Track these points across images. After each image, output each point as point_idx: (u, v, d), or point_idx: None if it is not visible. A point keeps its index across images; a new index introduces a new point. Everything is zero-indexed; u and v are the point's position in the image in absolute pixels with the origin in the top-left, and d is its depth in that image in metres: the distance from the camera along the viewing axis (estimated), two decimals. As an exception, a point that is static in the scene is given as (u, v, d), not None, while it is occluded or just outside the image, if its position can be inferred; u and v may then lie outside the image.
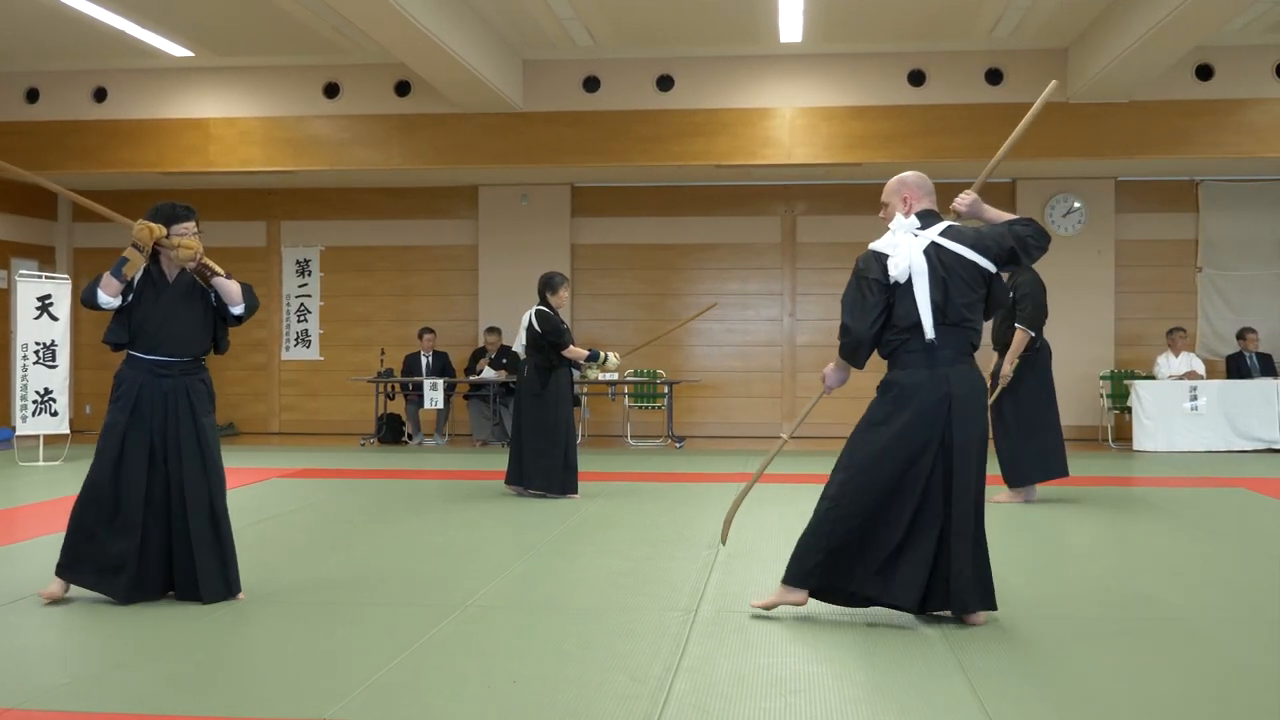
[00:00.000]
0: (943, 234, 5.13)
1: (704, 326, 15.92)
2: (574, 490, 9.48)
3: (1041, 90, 5.49)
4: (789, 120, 13.91)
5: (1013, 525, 8.02)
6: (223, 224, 16.53)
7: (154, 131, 14.68)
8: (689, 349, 16.02)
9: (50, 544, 7.25)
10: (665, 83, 14.08)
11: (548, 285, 9.63)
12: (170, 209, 5.65)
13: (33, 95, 14.89)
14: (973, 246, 5.11)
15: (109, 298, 5.52)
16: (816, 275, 15.91)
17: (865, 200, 15.79)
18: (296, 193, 16.44)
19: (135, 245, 5.51)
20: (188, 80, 14.63)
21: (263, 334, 16.37)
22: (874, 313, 5.11)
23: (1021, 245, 5.12)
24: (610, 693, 4.12)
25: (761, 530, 7.77)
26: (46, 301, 12.13)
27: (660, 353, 15.84)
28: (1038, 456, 8.93)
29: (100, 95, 14.80)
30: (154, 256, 5.65)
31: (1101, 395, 14.97)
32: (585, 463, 12.27)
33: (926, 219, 5.20)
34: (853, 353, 5.22)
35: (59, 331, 12.16)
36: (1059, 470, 8.98)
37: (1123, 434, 14.72)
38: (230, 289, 5.65)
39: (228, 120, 14.59)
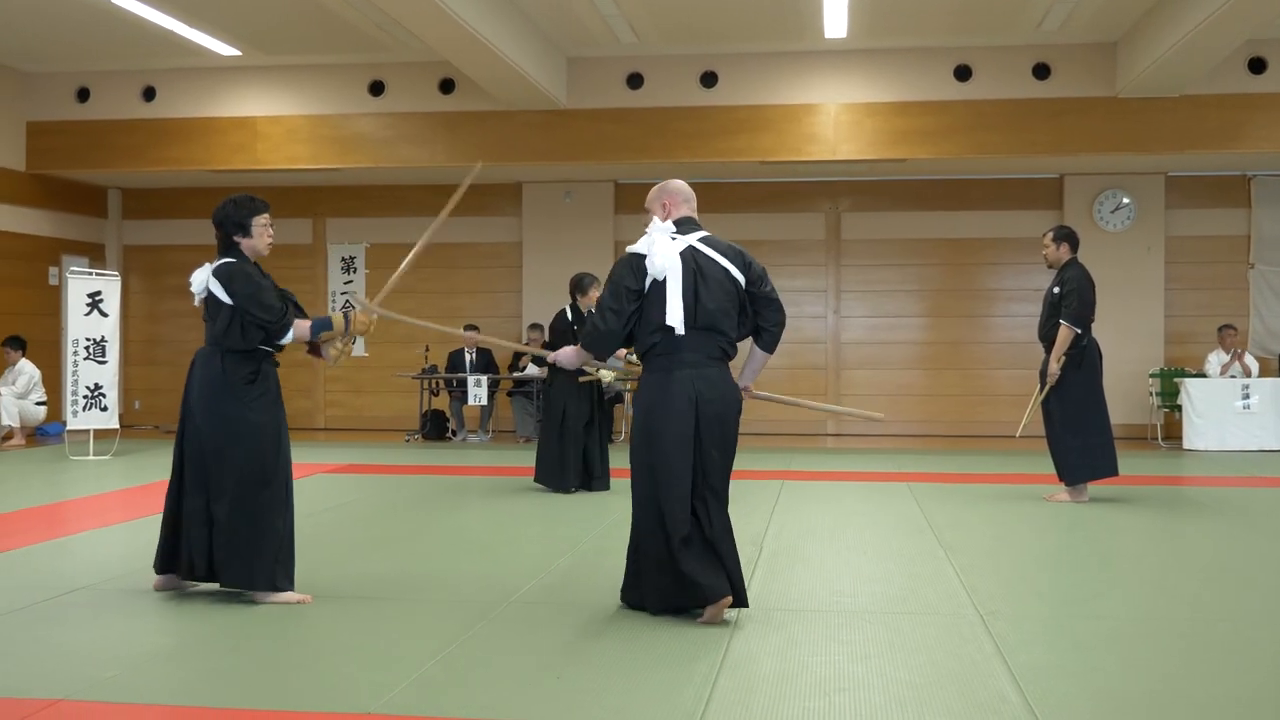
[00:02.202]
0: (700, 240, 5.27)
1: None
2: (576, 487, 9.52)
3: (1092, 84, 5.45)
4: (833, 116, 13.85)
5: (1061, 525, 7.96)
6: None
7: (202, 130, 14.80)
8: (733, 346, 15.95)
9: (100, 537, 7.33)
10: (709, 79, 14.06)
11: (577, 286, 9.66)
12: (251, 202, 5.70)
13: (83, 94, 15.06)
14: (725, 255, 5.26)
15: (290, 338, 5.56)
16: (861, 272, 15.84)
17: (910, 196, 15.73)
18: (342, 190, 16.53)
19: (350, 333, 5.72)
20: (235, 79, 14.74)
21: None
22: (624, 316, 5.18)
23: (761, 299, 5.35)
24: (654, 689, 4.11)
25: (804, 528, 7.74)
26: (96, 298, 12.25)
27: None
28: (1085, 455, 8.83)
29: (149, 94, 14.94)
30: (232, 248, 5.67)
31: (1151, 393, 14.81)
32: (626, 459, 12.27)
33: (685, 225, 5.32)
34: (599, 345, 5.30)
35: (109, 328, 12.28)
36: (1108, 469, 8.88)
37: (1172, 433, 14.57)
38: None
39: (274, 118, 14.69)
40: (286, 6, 12.31)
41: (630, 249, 5.25)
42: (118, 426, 12.82)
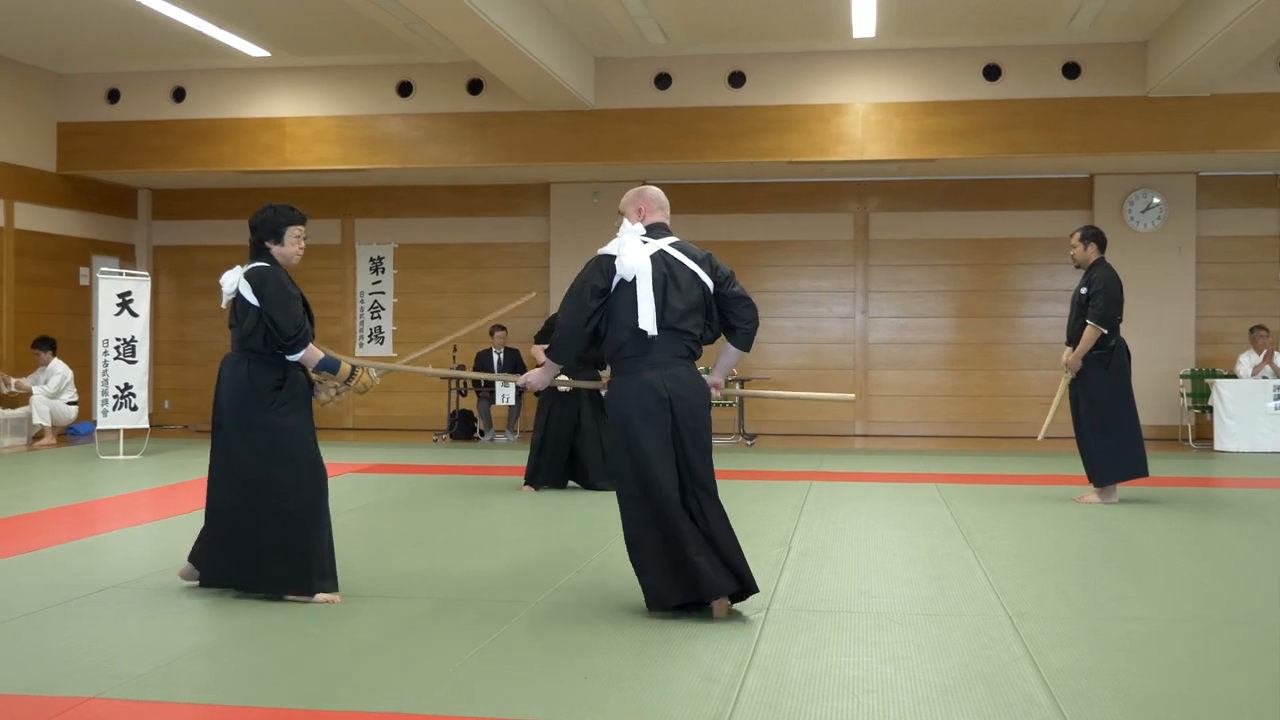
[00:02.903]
0: (671, 245, 5.38)
1: (776, 324, 15.84)
2: (545, 486, 9.70)
3: (1122, 83, 5.43)
4: (862, 116, 13.81)
5: (1090, 526, 7.91)
6: (298, 222, 16.72)
7: (231, 131, 14.87)
8: (760, 346, 15.95)
9: (129, 536, 7.38)
10: (737, 79, 14.04)
11: None
12: (291, 211, 5.71)
13: (114, 95, 15.16)
14: (694, 259, 5.36)
15: (299, 357, 5.57)
16: (890, 272, 15.79)
17: (940, 197, 15.67)
18: (370, 190, 16.59)
19: (349, 385, 5.77)
20: (264, 80, 14.81)
21: (337, 331, 16.51)
22: (587, 313, 5.25)
23: (731, 298, 5.43)
24: (682, 690, 4.10)
25: (832, 529, 7.72)
26: (127, 298, 12.32)
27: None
28: (1114, 456, 8.78)
29: (179, 95, 15.02)
30: (263, 252, 5.68)
31: (1182, 394, 14.71)
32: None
33: (657, 230, 5.44)
34: (563, 345, 5.36)
35: (139, 328, 12.35)
36: (1137, 471, 8.82)
37: (1203, 434, 14.46)
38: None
39: (303, 119, 14.75)
40: (315, 8, 12.36)
41: (600, 251, 5.32)
42: (147, 426, 12.89)
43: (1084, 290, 8.80)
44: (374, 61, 14.45)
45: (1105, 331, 8.68)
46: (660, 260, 5.29)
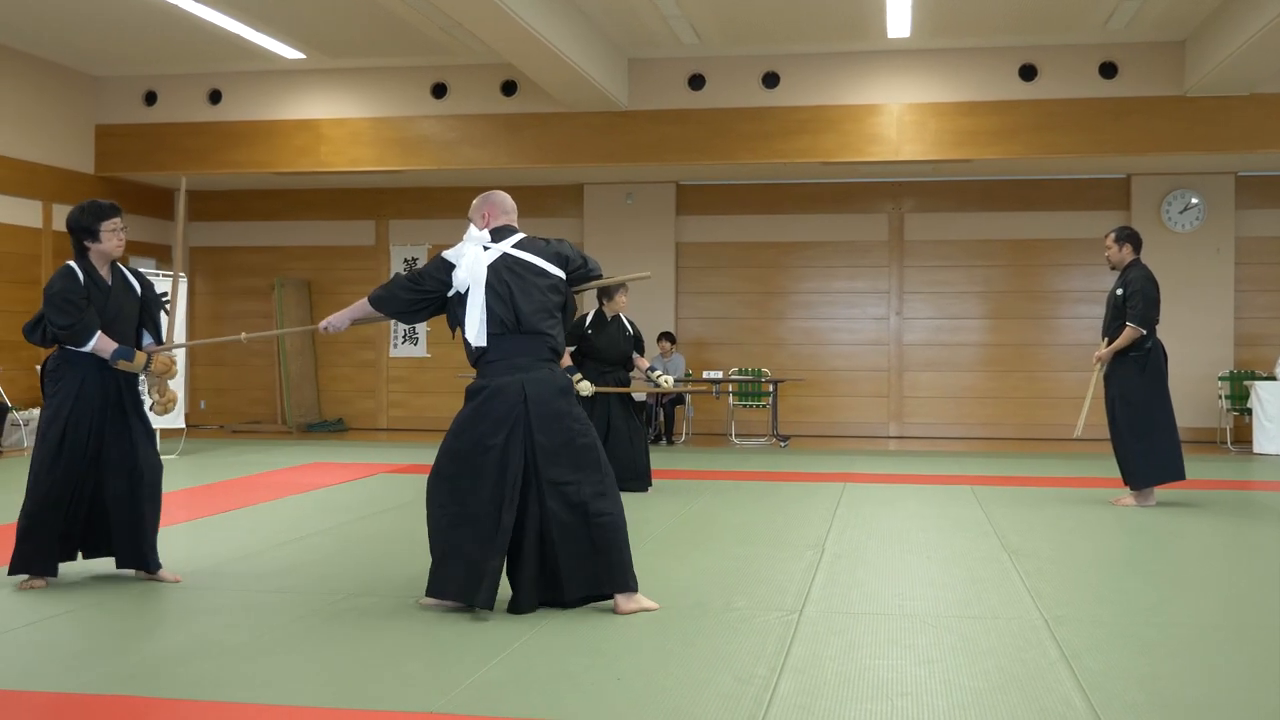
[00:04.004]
0: (516, 245, 5.43)
1: (810, 325, 15.82)
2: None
3: (1160, 83, 5.38)
4: (896, 116, 13.76)
5: (1128, 529, 7.85)
6: (333, 223, 16.83)
7: (267, 133, 14.96)
8: (794, 347, 15.92)
9: (163, 536, 7.41)
10: (771, 80, 14.01)
11: (604, 291, 9.50)
12: (100, 209, 5.93)
13: (151, 98, 15.27)
14: (541, 255, 5.44)
15: (88, 350, 5.73)
16: (924, 273, 15.72)
17: (975, 197, 15.59)
18: (405, 192, 16.64)
19: (149, 371, 5.96)
20: (299, 82, 14.89)
21: (371, 331, 16.57)
22: (416, 296, 5.41)
23: (590, 274, 5.60)
24: (715, 692, 4.09)
25: (866, 531, 7.68)
26: (164, 299, 12.35)
27: (765, 351, 15.80)
28: (1151, 459, 8.71)
29: (215, 97, 15.12)
30: (83, 252, 5.90)
31: (1220, 396, 14.59)
32: (688, 460, 12.28)
33: (501, 233, 5.49)
34: (379, 305, 5.50)
35: (176, 329, 12.38)
36: (1174, 474, 8.75)
37: (1242, 436, 14.34)
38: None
39: (338, 121, 14.82)
40: (351, 10, 12.41)
41: (445, 253, 5.43)
42: (184, 426, 12.97)
43: (1120, 291, 8.74)
44: (409, 63, 14.50)
45: (1144, 332, 8.62)
46: (501, 266, 5.34)
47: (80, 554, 5.91)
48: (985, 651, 4.64)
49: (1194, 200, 14.95)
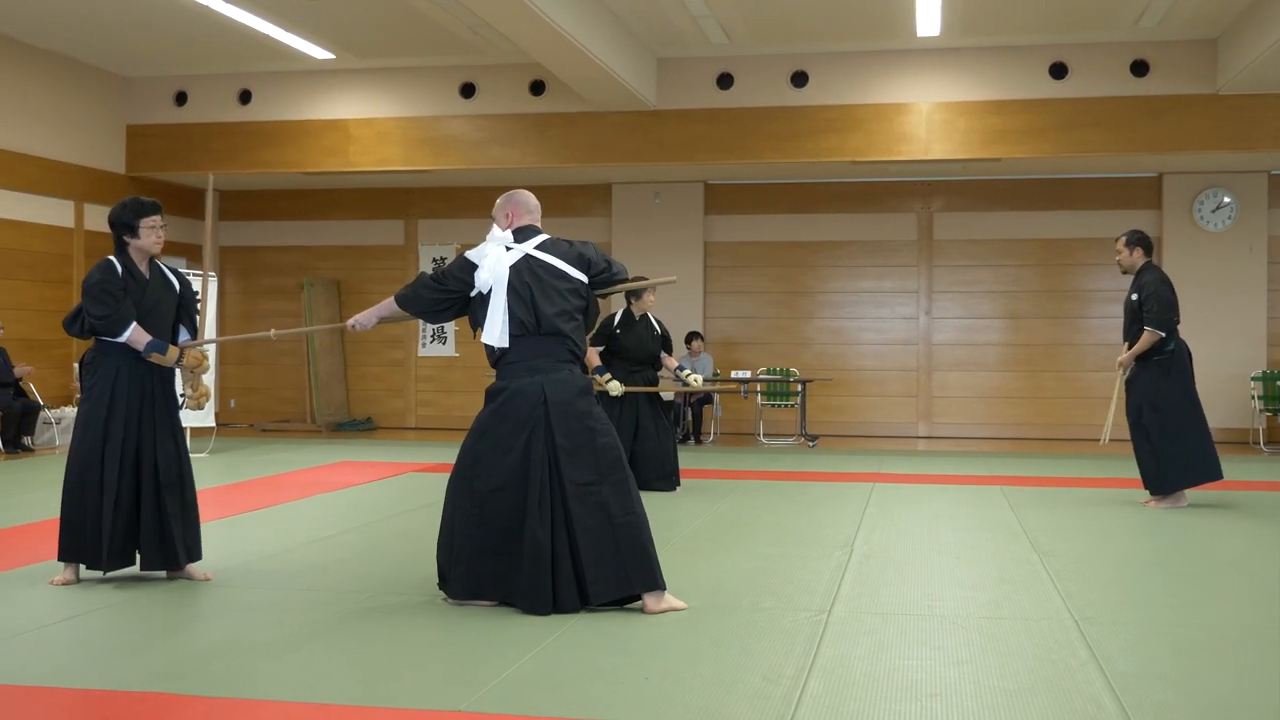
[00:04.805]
0: (538, 247, 5.43)
1: (838, 324, 15.78)
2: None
3: (1192, 81, 5.34)
4: (926, 115, 13.71)
5: (1159, 530, 7.80)
6: (362, 222, 16.89)
7: (296, 132, 15.02)
8: (822, 347, 15.89)
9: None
10: (800, 79, 13.98)
11: (630, 291, 9.45)
12: (141, 205, 5.96)
13: (181, 98, 15.36)
14: (564, 258, 5.42)
15: (123, 340, 5.79)
16: (954, 273, 15.66)
17: (1005, 196, 15.52)
18: (433, 192, 16.68)
19: (181, 365, 6.04)
20: (328, 82, 14.95)
21: (400, 331, 16.62)
22: (441, 296, 5.47)
23: (613, 278, 5.57)
24: (743, 691, 4.08)
25: (895, 531, 7.66)
26: (195, 298, 12.42)
27: (793, 351, 15.77)
28: (1184, 460, 8.64)
29: (245, 98, 15.19)
30: (123, 247, 5.95)
31: (1253, 397, 14.47)
32: (717, 460, 12.27)
33: (524, 233, 5.50)
34: (403, 304, 5.55)
35: (206, 327, 12.45)
36: (1209, 474, 8.69)
37: (1275, 437, 14.26)
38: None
39: (367, 121, 14.87)
40: (380, 10, 12.46)
41: (467, 253, 5.44)
42: (214, 425, 13.03)
43: (1134, 296, 8.70)
44: (437, 63, 14.54)
45: (1163, 335, 8.56)
46: (524, 267, 5.35)
47: (137, 561, 5.91)
48: (1015, 652, 4.61)
49: (1226, 199, 14.84)
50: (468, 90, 14.66)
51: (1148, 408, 8.68)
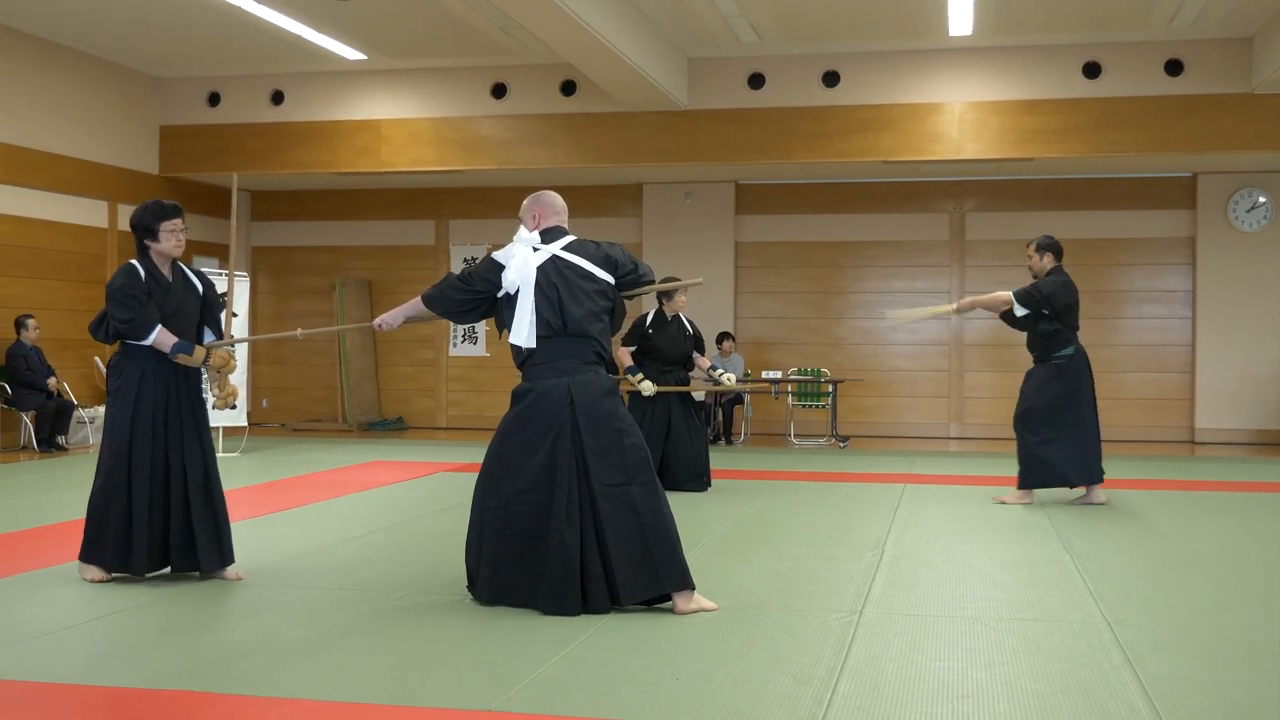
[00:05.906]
0: (565, 248, 5.42)
1: (869, 324, 15.72)
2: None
3: (1227, 80, 5.29)
4: (958, 115, 13.65)
5: (1193, 532, 7.74)
6: (393, 223, 16.95)
7: (328, 133, 15.08)
8: (854, 348, 15.84)
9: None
10: (831, 79, 13.94)
11: (664, 291, 9.47)
12: (162, 209, 5.97)
13: (214, 99, 15.45)
14: (591, 259, 5.41)
15: (148, 343, 5.81)
16: (986, 273, 15.56)
17: (1038, 196, 15.44)
18: (465, 192, 16.72)
19: (208, 365, 6.06)
20: (360, 83, 15.00)
21: (430, 331, 16.67)
22: (468, 297, 5.45)
23: (640, 279, 5.55)
24: (774, 693, 4.07)
25: (926, 532, 7.62)
26: (221, 300, 12.49)
27: (824, 351, 15.73)
28: (1050, 460, 8.72)
29: (278, 98, 15.26)
30: (144, 250, 5.98)
31: (1287, 398, 14.36)
32: (748, 461, 12.25)
33: (551, 234, 5.48)
34: (429, 304, 5.54)
35: (238, 327, 12.53)
36: (1051, 479, 8.81)
37: (1310, 439, 14.11)
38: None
39: (399, 121, 14.91)
40: (412, 11, 12.49)
41: (495, 254, 5.43)
42: (246, 425, 13.09)
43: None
44: (468, 64, 14.57)
45: (1016, 305, 8.62)
46: (551, 268, 5.35)
47: (170, 565, 5.94)
48: (1047, 654, 4.58)
49: (1261, 199, 14.72)
50: (499, 90, 14.69)
51: (1028, 400, 8.84)
